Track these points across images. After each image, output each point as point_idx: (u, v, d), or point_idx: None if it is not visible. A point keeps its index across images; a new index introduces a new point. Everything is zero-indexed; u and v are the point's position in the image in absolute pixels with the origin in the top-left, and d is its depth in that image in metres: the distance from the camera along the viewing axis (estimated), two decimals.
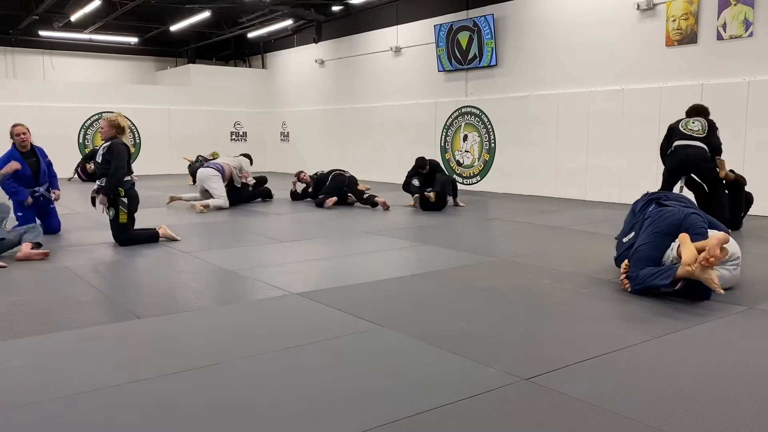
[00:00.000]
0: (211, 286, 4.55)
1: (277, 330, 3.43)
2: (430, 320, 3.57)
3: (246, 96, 17.68)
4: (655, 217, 4.19)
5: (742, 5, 8.15)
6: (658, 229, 4.10)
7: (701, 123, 6.48)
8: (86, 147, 15.18)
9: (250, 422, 2.28)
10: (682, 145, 6.44)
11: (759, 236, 6.42)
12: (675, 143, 6.51)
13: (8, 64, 16.73)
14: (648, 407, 2.38)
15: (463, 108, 12.10)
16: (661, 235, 4.07)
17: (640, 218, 4.39)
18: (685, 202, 4.37)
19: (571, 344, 3.13)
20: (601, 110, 9.75)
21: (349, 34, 14.70)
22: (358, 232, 6.90)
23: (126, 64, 18.53)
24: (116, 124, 5.96)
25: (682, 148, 6.43)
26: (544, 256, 5.40)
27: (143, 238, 6.00)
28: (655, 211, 4.27)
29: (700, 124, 6.48)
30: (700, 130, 6.44)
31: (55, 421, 2.30)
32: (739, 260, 4.10)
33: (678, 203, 4.33)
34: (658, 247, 4.06)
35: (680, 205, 4.26)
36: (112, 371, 2.78)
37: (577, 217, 8.02)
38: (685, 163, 6.46)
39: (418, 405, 2.40)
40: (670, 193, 4.60)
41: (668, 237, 4.04)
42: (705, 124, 6.46)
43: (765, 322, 3.53)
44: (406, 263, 5.27)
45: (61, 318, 3.60)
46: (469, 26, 11.54)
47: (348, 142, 14.84)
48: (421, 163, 8.92)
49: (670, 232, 4.04)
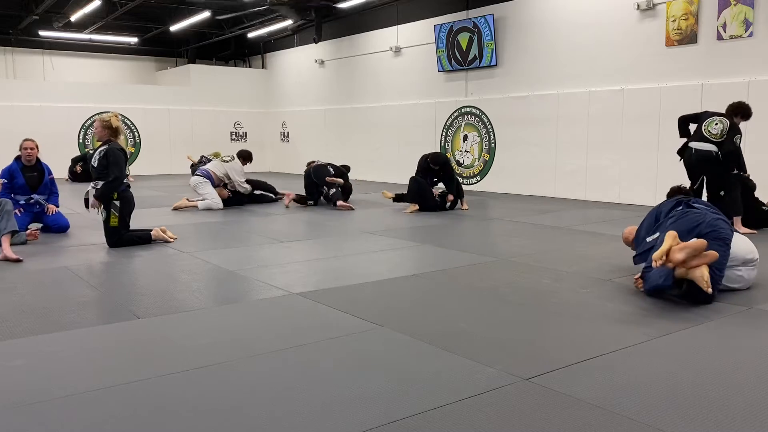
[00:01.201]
0: (211, 286, 4.55)
1: (277, 330, 3.43)
2: (430, 320, 3.57)
3: (246, 96, 17.68)
4: (680, 216, 4.21)
5: (742, 5, 8.15)
6: (678, 227, 4.09)
7: (722, 126, 6.52)
8: (86, 147, 15.18)
9: (250, 422, 2.28)
10: (694, 148, 6.61)
11: (759, 236, 6.41)
12: (690, 142, 6.65)
13: (8, 64, 16.73)
14: (648, 407, 2.38)
15: (463, 108, 12.10)
16: (678, 233, 4.05)
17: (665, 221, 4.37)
18: (714, 209, 4.36)
19: (571, 344, 3.13)
20: (601, 110, 9.75)
21: (349, 34, 14.70)
22: (358, 232, 6.90)
23: (126, 64, 18.53)
24: (109, 125, 5.95)
25: (693, 151, 6.61)
26: (544, 256, 5.40)
27: (135, 239, 5.99)
28: (681, 211, 4.27)
29: (722, 126, 6.52)
30: (718, 134, 6.50)
31: (55, 421, 2.30)
32: (757, 261, 4.20)
33: (707, 209, 4.32)
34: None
35: (708, 211, 4.25)
36: (112, 371, 2.78)
37: (577, 217, 8.02)
38: (693, 165, 6.64)
39: (417, 405, 2.40)
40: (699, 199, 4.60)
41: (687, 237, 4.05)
42: (725, 128, 6.49)
43: (765, 322, 3.53)
44: (406, 263, 5.27)
45: (61, 318, 3.60)
46: (469, 27, 11.55)
47: (348, 142, 14.84)
48: (436, 160, 8.56)
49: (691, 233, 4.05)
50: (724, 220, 4.16)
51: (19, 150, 6.69)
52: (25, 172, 6.65)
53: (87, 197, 6.01)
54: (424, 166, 8.67)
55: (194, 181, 9.11)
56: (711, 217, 4.11)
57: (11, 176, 6.56)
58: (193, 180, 9.14)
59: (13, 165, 6.64)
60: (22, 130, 12.98)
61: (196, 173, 9.30)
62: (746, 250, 4.13)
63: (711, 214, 4.18)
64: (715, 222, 4.05)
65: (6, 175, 6.57)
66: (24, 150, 6.63)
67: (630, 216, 7.83)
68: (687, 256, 3.70)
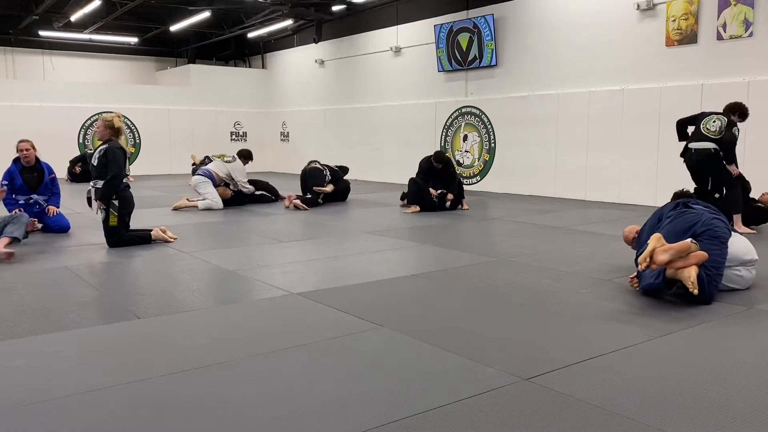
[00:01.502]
0: (211, 286, 4.55)
1: (277, 330, 3.43)
2: (430, 320, 3.57)
3: (246, 96, 17.67)
4: (676, 217, 4.23)
5: (742, 5, 8.15)
6: (675, 228, 4.12)
7: (720, 123, 6.55)
8: (86, 147, 15.18)
9: (250, 422, 2.28)
10: (693, 148, 6.63)
11: (759, 237, 6.42)
12: (690, 143, 6.66)
13: (8, 64, 16.72)
14: (648, 407, 2.38)
15: (463, 108, 12.10)
16: (674, 233, 4.08)
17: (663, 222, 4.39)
18: (712, 209, 4.36)
19: (571, 344, 3.13)
20: (601, 110, 9.75)
21: (349, 34, 14.70)
22: (358, 232, 6.90)
23: (126, 64, 18.52)
24: (111, 125, 5.96)
25: (692, 151, 6.64)
26: (544, 256, 5.40)
27: (135, 239, 5.99)
28: (678, 212, 4.29)
29: (720, 123, 6.55)
30: (717, 131, 6.52)
31: (55, 421, 2.30)
32: (755, 262, 4.21)
33: (705, 209, 4.33)
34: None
35: (706, 211, 4.26)
36: (112, 371, 2.78)
37: (577, 217, 8.02)
38: (694, 167, 6.69)
39: (417, 405, 2.40)
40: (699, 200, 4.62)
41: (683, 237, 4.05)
42: (723, 124, 6.51)
43: (765, 322, 3.53)
44: (406, 263, 5.27)
45: (61, 318, 3.60)
46: (469, 28, 11.54)
47: (348, 142, 14.83)
48: (439, 157, 8.59)
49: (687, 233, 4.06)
50: (720, 220, 4.16)
51: (17, 151, 6.69)
52: (25, 172, 6.66)
53: (89, 196, 6.03)
54: (427, 167, 8.68)
55: (195, 180, 9.10)
56: (707, 216, 4.12)
57: (11, 178, 6.57)
58: (194, 180, 9.14)
59: (12, 167, 6.65)
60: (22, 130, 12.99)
61: (198, 173, 9.29)
62: (744, 251, 4.13)
63: (708, 213, 4.19)
64: (711, 221, 4.05)
65: (7, 177, 6.59)
66: (20, 152, 6.63)
67: (630, 216, 7.83)
68: (671, 257, 3.70)
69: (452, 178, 8.70)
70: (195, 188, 9.06)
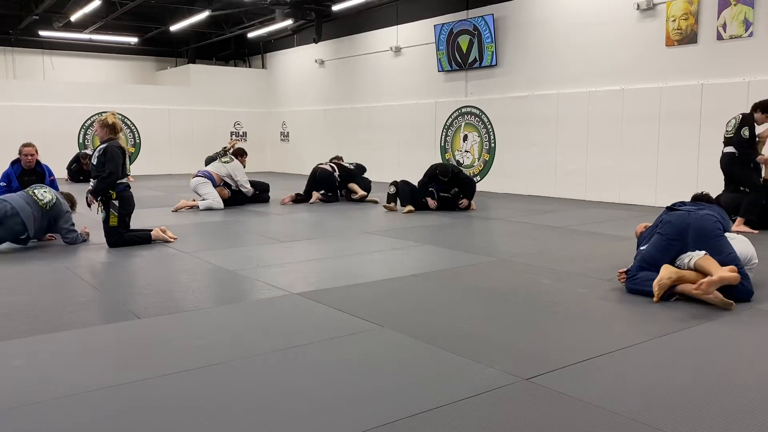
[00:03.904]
0: (211, 286, 4.55)
1: (277, 330, 3.43)
2: (430, 320, 3.57)
3: (246, 96, 17.67)
4: (665, 221, 4.25)
5: (742, 5, 8.15)
6: (663, 231, 4.17)
7: (735, 122, 6.64)
8: (86, 147, 15.17)
9: (250, 422, 2.28)
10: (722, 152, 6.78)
11: (759, 237, 6.41)
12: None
13: (8, 64, 16.73)
14: (648, 407, 2.38)
15: (463, 108, 12.10)
16: (665, 237, 4.12)
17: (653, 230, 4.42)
18: (701, 206, 4.37)
19: (571, 344, 3.13)
20: (601, 110, 9.75)
21: (349, 34, 14.70)
22: (358, 232, 6.90)
23: (126, 64, 18.53)
24: (106, 123, 5.96)
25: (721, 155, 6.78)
26: (544, 256, 5.40)
27: (135, 239, 5.99)
28: (666, 216, 4.31)
29: (734, 123, 6.65)
30: (732, 130, 6.63)
31: (55, 421, 2.30)
32: (755, 264, 4.24)
33: (692, 206, 4.34)
34: (662, 249, 4.10)
35: (693, 208, 4.27)
36: (112, 371, 2.78)
37: (577, 217, 8.02)
38: (723, 169, 6.81)
39: (417, 405, 2.40)
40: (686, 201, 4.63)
41: (675, 239, 4.09)
42: (737, 123, 6.60)
43: (765, 322, 3.53)
44: (406, 263, 5.27)
45: (61, 318, 3.59)
46: (469, 29, 11.54)
47: (348, 142, 14.82)
48: (444, 172, 8.60)
49: (677, 235, 4.09)
50: (710, 213, 4.18)
51: (19, 155, 6.68)
52: (24, 175, 6.62)
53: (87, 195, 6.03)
54: (432, 173, 8.74)
55: (194, 182, 9.11)
56: (696, 216, 4.13)
57: (9, 180, 6.56)
58: (194, 181, 9.14)
59: (9, 169, 6.63)
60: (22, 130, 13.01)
61: (197, 174, 9.30)
62: (742, 253, 4.14)
63: (696, 212, 4.20)
64: (701, 221, 4.08)
65: (5, 179, 6.58)
66: (24, 156, 6.63)
67: (630, 216, 7.83)
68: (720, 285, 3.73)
69: (467, 185, 8.72)
70: (195, 190, 9.07)
